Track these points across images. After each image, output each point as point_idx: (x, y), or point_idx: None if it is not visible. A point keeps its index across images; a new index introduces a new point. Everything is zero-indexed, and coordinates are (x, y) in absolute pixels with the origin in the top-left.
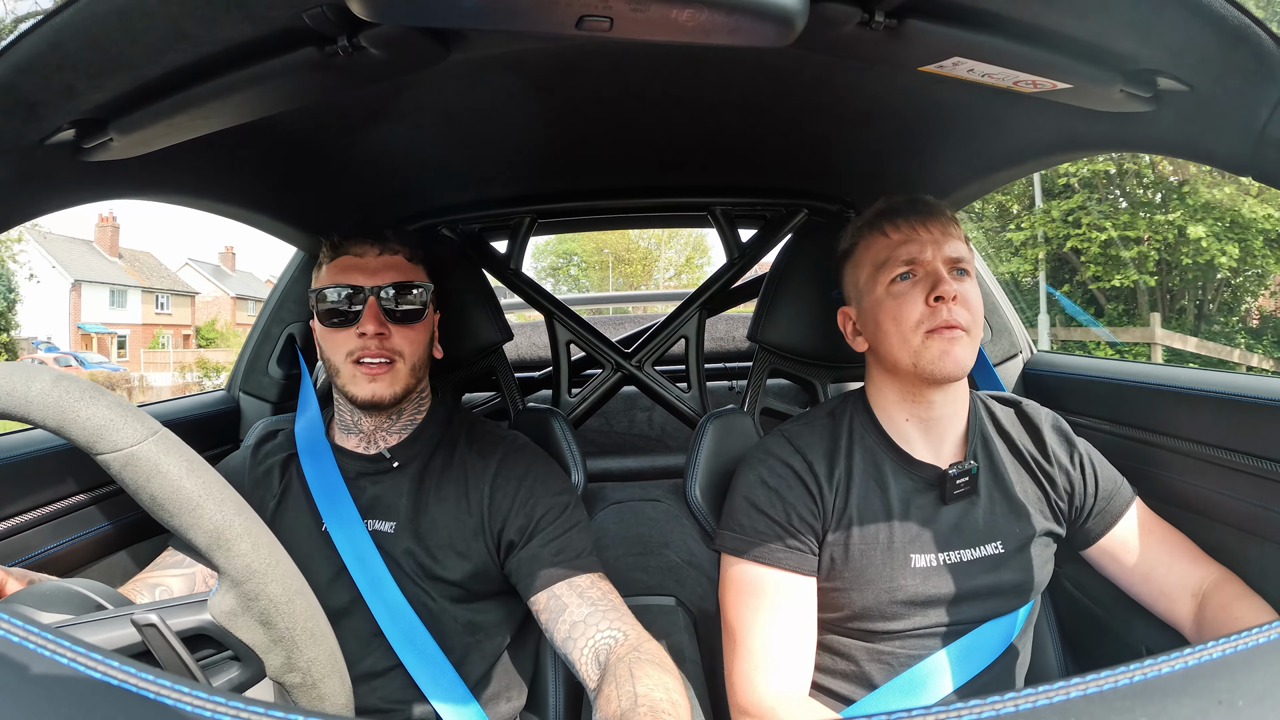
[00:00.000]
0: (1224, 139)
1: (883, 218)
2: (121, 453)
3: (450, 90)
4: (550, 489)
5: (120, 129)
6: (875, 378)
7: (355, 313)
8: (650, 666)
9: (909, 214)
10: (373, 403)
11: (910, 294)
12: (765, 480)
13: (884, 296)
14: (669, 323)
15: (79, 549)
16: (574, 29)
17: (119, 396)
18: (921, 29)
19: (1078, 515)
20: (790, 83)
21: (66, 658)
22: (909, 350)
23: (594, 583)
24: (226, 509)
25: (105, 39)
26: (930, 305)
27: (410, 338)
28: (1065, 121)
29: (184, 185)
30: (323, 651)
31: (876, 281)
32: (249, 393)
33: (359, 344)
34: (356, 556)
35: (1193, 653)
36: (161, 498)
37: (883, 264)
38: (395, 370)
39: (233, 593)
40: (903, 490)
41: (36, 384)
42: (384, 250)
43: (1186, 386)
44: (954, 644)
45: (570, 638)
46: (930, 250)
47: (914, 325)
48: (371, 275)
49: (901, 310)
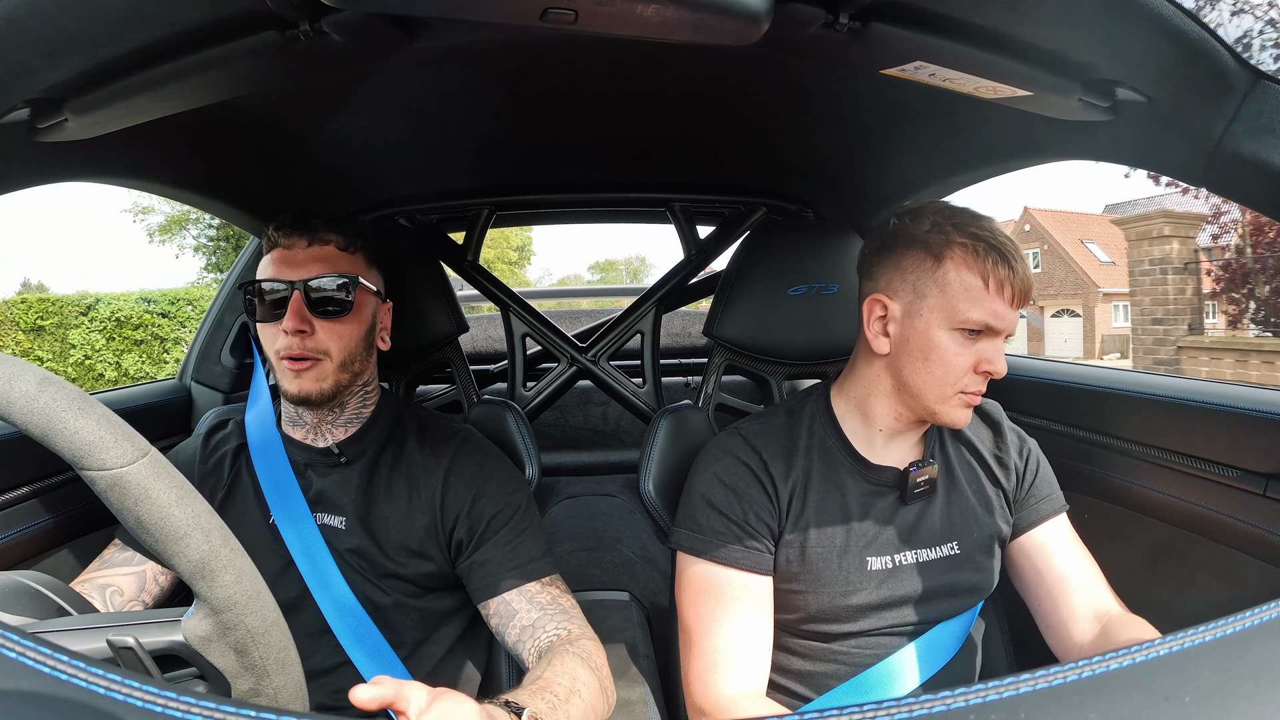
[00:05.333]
0: (1180, 150)
1: (995, 260)
2: (110, 473)
3: (411, 79)
4: (503, 489)
5: (76, 109)
6: (870, 384)
7: (281, 307)
8: (571, 659)
9: (1014, 275)
10: (301, 399)
11: (967, 352)
12: (722, 479)
13: (945, 339)
14: (625, 317)
15: (23, 543)
16: (538, 21)
17: (107, 410)
18: (885, 32)
19: (1013, 509)
20: (753, 82)
21: (48, 666)
22: (937, 398)
23: (544, 587)
24: (214, 539)
25: (64, 16)
26: (978, 373)
27: (338, 333)
28: (1024, 128)
29: (139, 168)
30: (290, 679)
31: (946, 316)
32: (201, 382)
33: (284, 341)
34: (304, 550)
35: (1140, 650)
36: (148, 523)
37: (964, 307)
38: (321, 367)
39: (210, 620)
40: (861, 493)
41: (20, 384)
42: (313, 241)
43: (1135, 390)
44: (911, 644)
45: (520, 641)
46: (1009, 323)
47: (957, 381)
48: (297, 268)
49: (954, 364)
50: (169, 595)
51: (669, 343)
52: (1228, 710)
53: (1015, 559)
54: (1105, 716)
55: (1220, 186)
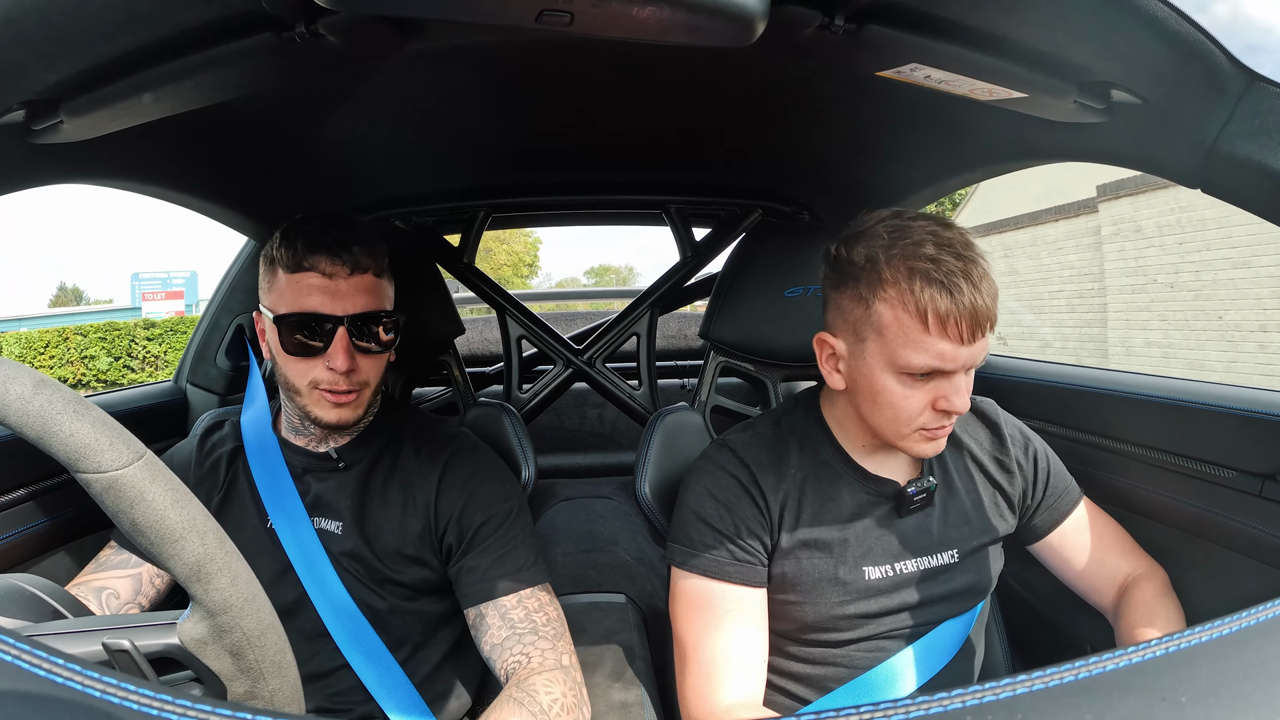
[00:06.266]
0: (1174, 152)
1: (932, 294)
2: (105, 475)
3: (407, 81)
4: (494, 495)
5: (72, 111)
6: (843, 411)
7: (325, 342)
8: (511, 706)
9: (958, 307)
10: (339, 427)
11: (918, 395)
12: (712, 493)
13: (891, 384)
14: (621, 320)
15: (19, 545)
16: (534, 23)
17: (102, 412)
18: (881, 34)
19: (1026, 511)
20: (748, 84)
21: (44, 669)
22: (895, 435)
23: (521, 601)
24: (209, 542)
25: (60, 18)
26: (935, 411)
27: (379, 364)
28: (1019, 130)
29: (134, 170)
30: (286, 682)
31: (886, 361)
32: (196, 384)
33: (327, 376)
34: (303, 554)
35: (1137, 650)
36: (143, 525)
37: (904, 354)
38: (361, 397)
39: (205, 623)
40: (857, 503)
41: (15, 386)
42: (354, 270)
43: (1131, 391)
44: (910, 646)
45: (490, 658)
46: (962, 361)
47: (911, 421)
48: (342, 301)
49: (904, 406)
50: (165, 598)
51: (665, 345)
52: (1224, 710)
53: (1045, 555)
54: (1102, 717)
55: (1216, 189)
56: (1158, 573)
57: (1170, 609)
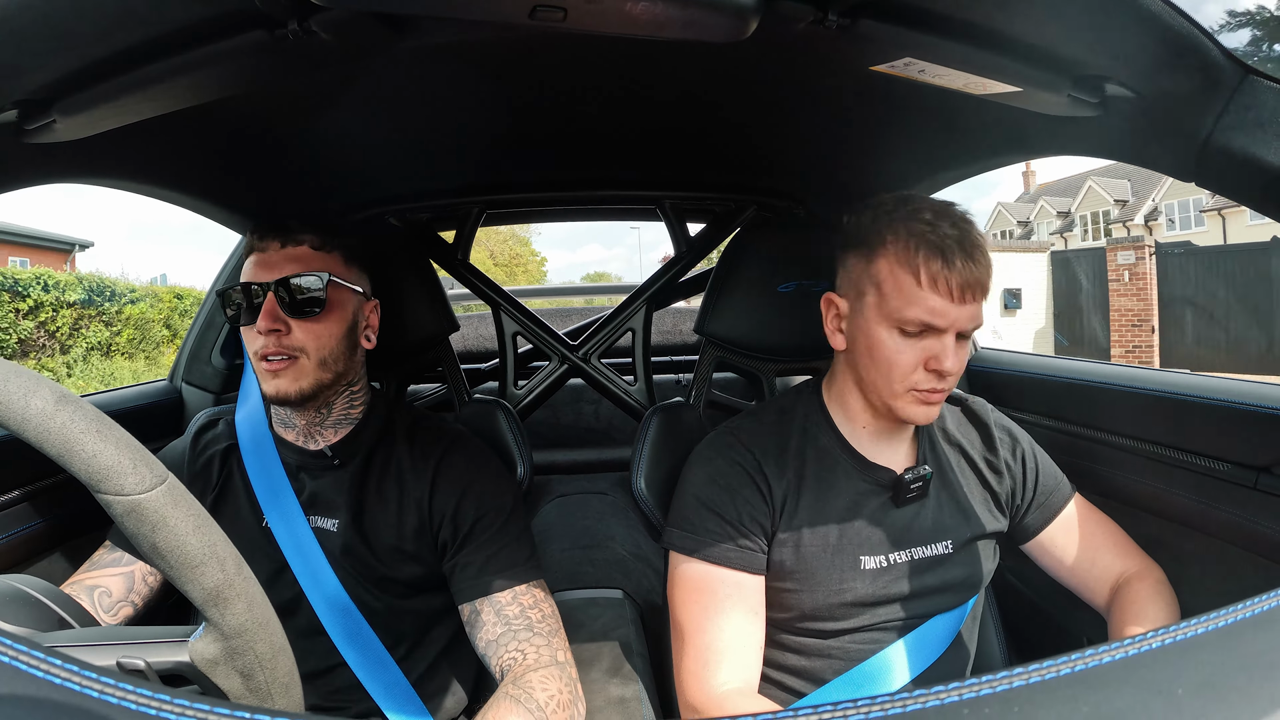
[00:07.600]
0: (1168, 145)
1: (926, 255)
2: (127, 499)
3: (401, 78)
4: (489, 492)
5: (64, 110)
6: (842, 380)
7: (256, 309)
8: (508, 703)
9: (955, 275)
10: (278, 399)
11: (911, 350)
12: (715, 479)
13: (884, 337)
14: (616, 315)
15: (15, 546)
16: (527, 19)
17: (125, 433)
18: (874, 29)
19: (1017, 511)
20: (742, 79)
21: (42, 670)
22: (889, 394)
23: (515, 597)
24: (228, 568)
25: (53, 16)
26: (928, 370)
27: (315, 332)
28: (1014, 124)
29: (127, 169)
30: (292, 702)
31: (883, 315)
32: (191, 383)
33: (261, 341)
34: (299, 553)
35: (1133, 643)
36: (164, 550)
37: (898, 306)
38: (299, 366)
39: (218, 644)
40: (855, 492)
41: (36, 401)
42: (287, 242)
43: (1126, 385)
44: (903, 638)
45: (486, 655)
46: (952, 320)
47: (905, 378)
48: (270, 270)
49: (896, 362)
50: (158, 595)
51: (660, 340)
52: (1220, 702)
53: (1037, 554)
54: (1098, 710)
55: (1210, 181)
56: (1152, 570)
57: (1161, 607)
